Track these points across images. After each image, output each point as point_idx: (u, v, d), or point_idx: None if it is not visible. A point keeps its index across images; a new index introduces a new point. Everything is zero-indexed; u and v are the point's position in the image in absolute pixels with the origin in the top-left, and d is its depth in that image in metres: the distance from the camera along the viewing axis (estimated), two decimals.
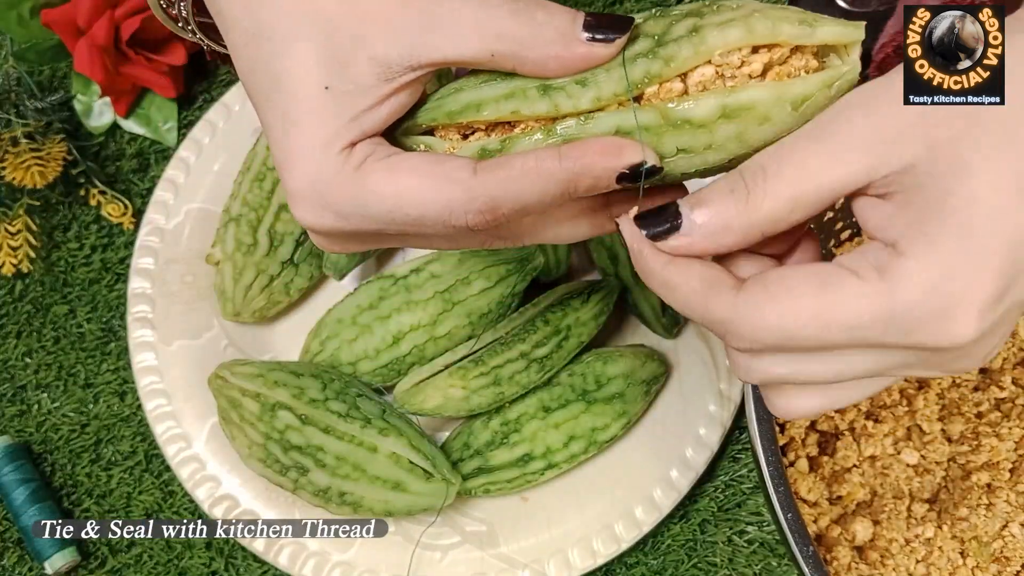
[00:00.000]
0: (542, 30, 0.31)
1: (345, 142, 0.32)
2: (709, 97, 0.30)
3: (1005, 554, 0.55)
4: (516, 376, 0.58)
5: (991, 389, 0.57)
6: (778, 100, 0.29)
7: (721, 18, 0.30)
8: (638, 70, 0.30)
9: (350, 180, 0.32)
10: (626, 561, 0.62)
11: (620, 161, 0.30)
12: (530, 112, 0.32)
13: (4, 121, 0.64)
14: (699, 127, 0.30)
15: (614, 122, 0.31)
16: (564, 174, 0.31)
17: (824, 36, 0.30)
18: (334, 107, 0.32)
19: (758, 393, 0.48)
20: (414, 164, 0.32)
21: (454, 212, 0.32)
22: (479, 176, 0.31)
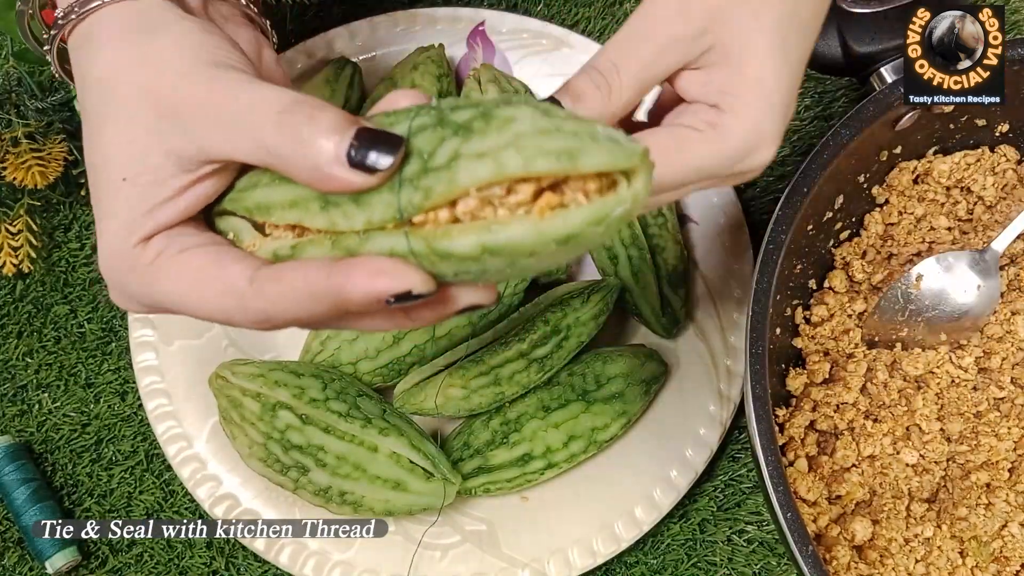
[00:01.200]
0: (304, 150, 0.30)
1: (139, 236, 0.33)
2: (469, 234, 0.28)
3: (1004, 554, 0.55)
4: (516, 376, 0.58)
5: (990, 389, 0.57)
6: (540, 238, 0.27)
7: (480, 147, 0.27)
8: (404, 198, 0.29)
9: (142, 275, 0.33)
10: (626, 560, 0.62)
11: (388, 287, 0.29)
12: (311, 224, 0.31)
13: (5, 121, 0.64)
14: (466, 259, 0.28)
15: (387, 244, 0.29)
16: (332, 295, 0.30)
17: (591, 165, 0.27)
18: (131, 199, 0.32)
19: (757, 392, 0.49)
20: (197, 266, 0.32)
21: (232, 319, 0.32)
22: (253, 288, 0.31)
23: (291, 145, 0.30)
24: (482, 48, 0.68)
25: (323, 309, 0.30)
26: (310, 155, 0.29)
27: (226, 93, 0.31)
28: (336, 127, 0.30)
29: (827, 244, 0.60)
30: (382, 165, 0.29)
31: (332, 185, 0.30)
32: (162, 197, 0.33)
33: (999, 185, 0.61)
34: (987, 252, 0.57)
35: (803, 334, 0.59)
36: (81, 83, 0.34)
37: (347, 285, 0.29)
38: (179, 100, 0.32)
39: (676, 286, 0.62)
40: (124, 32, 0.34)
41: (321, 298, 0.30)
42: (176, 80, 0.32)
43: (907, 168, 0.61)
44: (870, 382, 0.57)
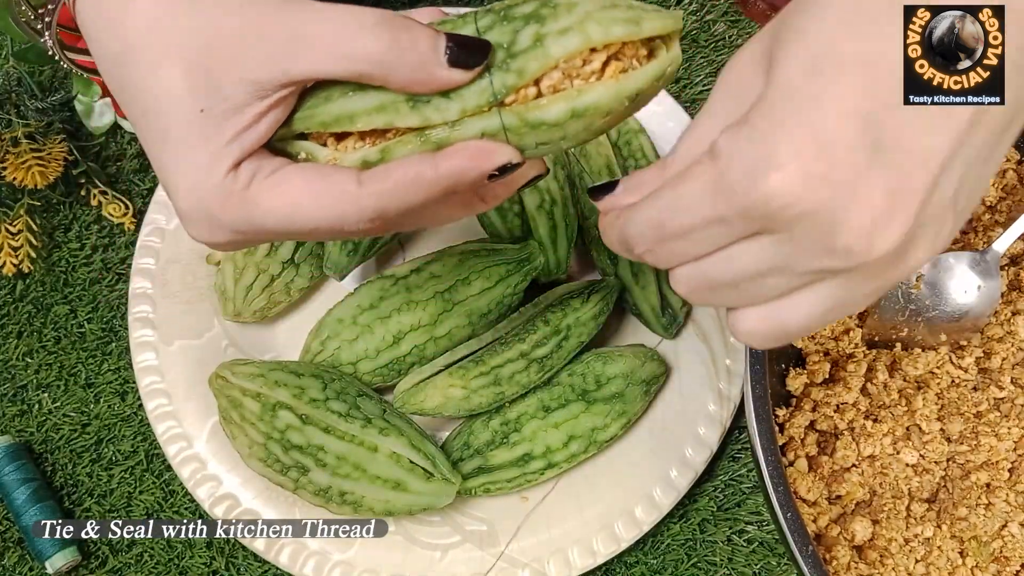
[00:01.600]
0: (405, 55, 0.32)
1: (229, 164, 0.34)
2: (559, 102, 0.33)
3: (1004, 554, 0.55)
4: (516, 376, 0.58)
5: (990, 389, 0.57)
6: (617, 96, 0.33)
7: (559, 25, 0.33)
8: (496, 82, 0.33)
9: (240, 200, 0.34)
10: (626, 560, 0.62)
11: (490, 164, 0.34)
12: (403, 124, 0.34)
13: (5, 121, 0.64)
14: (554, 126, 0.34)
15: (480, 126, 0.34)
16: (442, 180, 0.33)
17: (649, 30, 0.33)
18: (212, 129, 0.33)
19: (757, 392, 0.49)
20: (302, 180, 0.34)
21: (346, 222, 0.34)
22: (365, 187, 0.33)
23: (393, 55, 0.32)
24: None
25: (435, 194, 0.34)
26: (412, 60, 0.32)
27: (306, 16, 0.33)
28: (430, 35, 0.33)
29: None
30: (478, 61, 0.33)
31: (433, 85, 0.33)
32: (242, 124, 0.34)
33: (999, 185, 0.61)
34: (988, 253, 0.57)
35: None
36: (111, 34, 0.34)
37: (457, 166, 0.33)
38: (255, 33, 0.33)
39: None
40: None
41: (434, 184, 0.33)
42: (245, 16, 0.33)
43: None
44: (870, 382, 0.57)
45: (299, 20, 0.33)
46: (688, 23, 0.71)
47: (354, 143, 0.35)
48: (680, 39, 0.34)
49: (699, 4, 0.71)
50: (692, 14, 0.71)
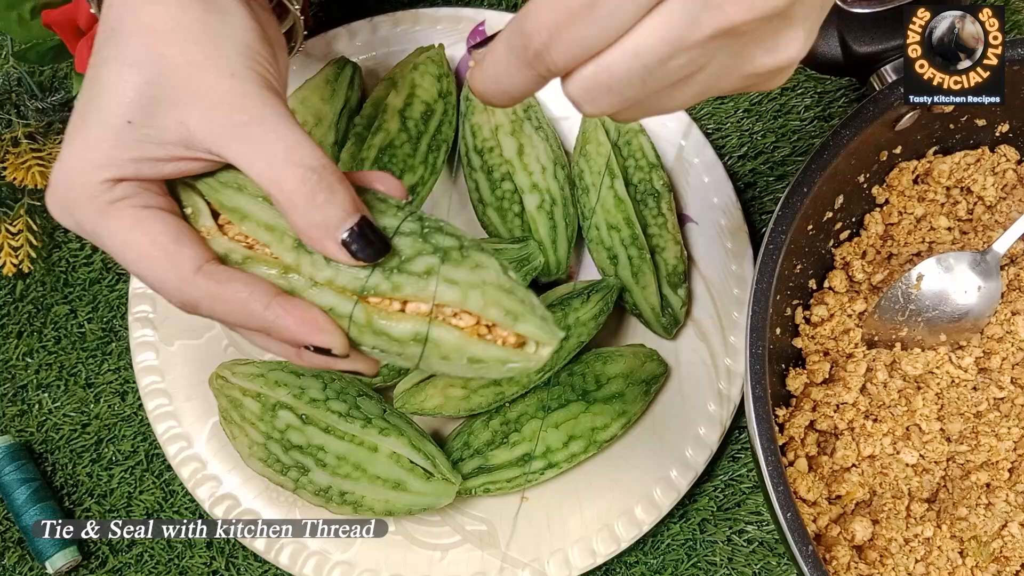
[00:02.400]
0: (311, 211, 0.34)
1: (113, 175, 0.34)
2: (408, 322, 0.35)
3: (1004, 554, 0.55)
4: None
5: (990, 389, 0.57)
6: (459, 348, 0.35)
7: (453, 275, 0.35)
8: (372, 279, 0.35)
9: (97, 209, 0.34)
10: (626, 560, 0.62)
11: (309, 339, 0.34)
12: (279, 254, 0.35)
13: (5, 121, 0.64)
14: (394, 340, 0.35)
15: (333, 301, 0.35)
16: (263, 321, 0.34)
17: (523, 331, 0.35)
18: (124, 140, 0.34)
19: (757, 392, 0.49)
20: (155, 233, 0.34)
21: (164, 290, 0.35)
22: (197, 278, 0.34)
23: (304, 202, 0.33)
24: None
25: (251, 326, 0.35)
26: (315, 219, 0.34)
27: (271, 127, 0.34)
28: (347, 208, 0.34)
29: (827, 244, 0.60)
30: (367, 259, 0.34)
31: (317, 248, 0.34)
32: (154, 155, 0.34)
33: (999, 185, 0.61)
34: (988, 253, 0.57)
35: (803, 334, 0.59)
36: (120, 11, 0.35)
37: (285, 320, 0.34)
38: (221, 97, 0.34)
39: (676, 286, 0.62)
40: None
41: (254, 318, 0.34)
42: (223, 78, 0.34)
43: (907, 168, 0.61)
44: (870, 382, 0.57)
45: (264, 122, 0.34)
46: None
47: (233, 233, 0.36)
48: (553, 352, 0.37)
49: None
50: None
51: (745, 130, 0.68)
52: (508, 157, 0.62)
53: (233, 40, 0.35)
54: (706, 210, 0.65)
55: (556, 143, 0.64)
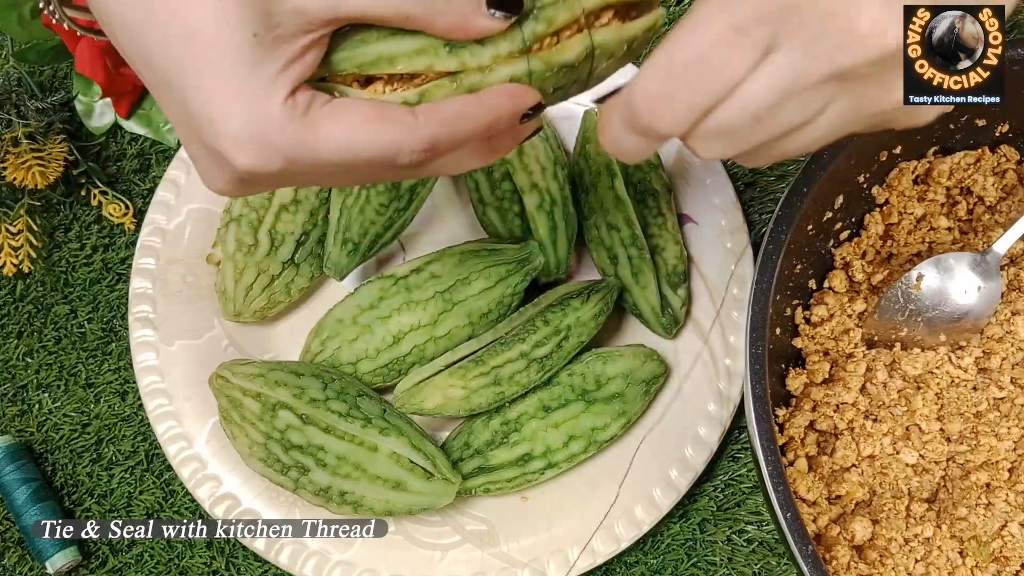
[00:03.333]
0: (450, 4, 0.34)
1: (287, 90, 0.33)
2: (577, 43, 0.37)
3: (1004, 553, 0.55)
4: (516, 376, 0.58)
5: (990, 389, 0.57)
6: (620, 39, 0.38)
7: None
8: (527, 30, 0.36)
9: (300, 126, 0.33)
10: (626, 560, 0.62)
11: (524, 103, 0.37)
12: (442, 68, 0.36)
13: (5, 121, 0.64)
14: (571, 67, 0.38)
15: (508, 71, 0.36)
16: (488, 115, 0.36)
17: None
18: (266, 56, 0.32)
19: (757, 392, 0.49)
20: (361, 108, 0.34)
21: (401, 151, 0.34)
22: (421, 118, 0.34)
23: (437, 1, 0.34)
24: None
25: (480, 129, 0.36)
26: (456, 8, 0.34)
27: None
28: None
29: (827, 244, 0.60)
30: (514, 11, 0.35)
31: (472, 31, 0.35)
32: (293, 53, 0.33)
33: (999, 186, 0.61)
34: (988, 254, 0.57)
35: (803, 334, 0.59)
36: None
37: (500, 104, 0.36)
38: None
39: (676, 286, 0.62)
40: None
41: (478, 119, 0.35)
42: None
43: (907, 168, 0.61)
44: (870, 382, 0.57)
45: None
46: None
47: (383, 87, 0.36)
48: None
49: None
50: None
51: None
52: (508, 157, 0.62)
53: None
54: (706, 210, 0.65)
55: (556, 143, 0.64)
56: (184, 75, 0.33)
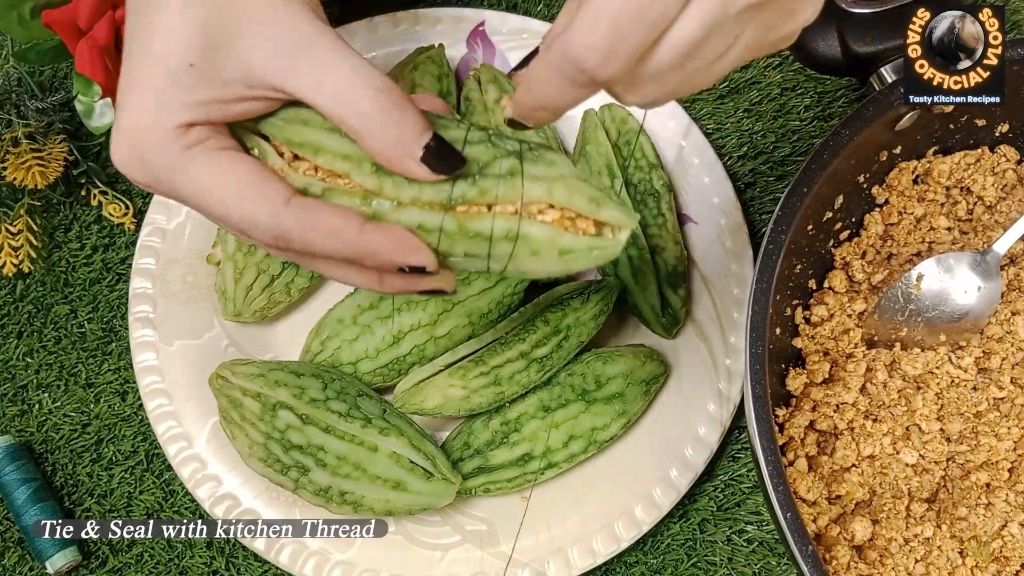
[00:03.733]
0: (388, 130, 0.33)
1: (185, 120, 0.34)
2: (502, 220, 0.35)
3: (1004, 554, 0.55)
4: (516, 376, 0.58)
5: (990, 389, 0.57)
6: (550, 242, 0.36)
7: (535, 171, 0.36)
8: (457, 190, 0.35)
9: (174, 155, 0.34)
10: (626, 560, 0.62)
11: (407, 260, 0.35)
12: (359, 182, 0.35)
13: (5, 121, 0.64)
14: (485, 240, 0.36)
15: (419, 219, 0.35)
16: (357, 248, 0.34)
17: (606, 216, 0.36)
18: (191, 83, 0.34)
19: (757, 392, 0.49)
20: (239, 171, 0.34)
21: (256, 226, 0.34)
22: (289, 209, 0.34)
23: (380, 122, 0.33)
24: (482, 48, 0.68)
25: (344, 255, 0.35)
26: (391, 138, 0.33)
27: (331, 50, 0.34)
28: (420, 124, 0.34)
29: (827, 244, 0.60)
30: (447, 171, 0.34)
31: (397, 168, 0.34)
32: (220, 96, 0.34)
33: (999, 185, 0.61)
34: (988, 254, 0.57)
35: (803, 334, 0.59)
36: None
37: (379, 245, 0.34)
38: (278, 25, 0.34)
39: (676, 286, 0.62)
40: None
41: (349, 246, 0.34)
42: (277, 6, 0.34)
43: (907, 168, 0.61)
44: (870, 382, 0.58)
45: (322, 46, 0.34)
46: None
47: (305, 168, 0.36)
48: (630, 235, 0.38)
49: None
50: None
51: (745, 130, 0.68)
52: None
53: None
54: (706, 210, 0.65)
55: (556, 143, 0.64)
56: (127, 73, 0.35)
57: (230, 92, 0.34)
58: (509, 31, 0.67)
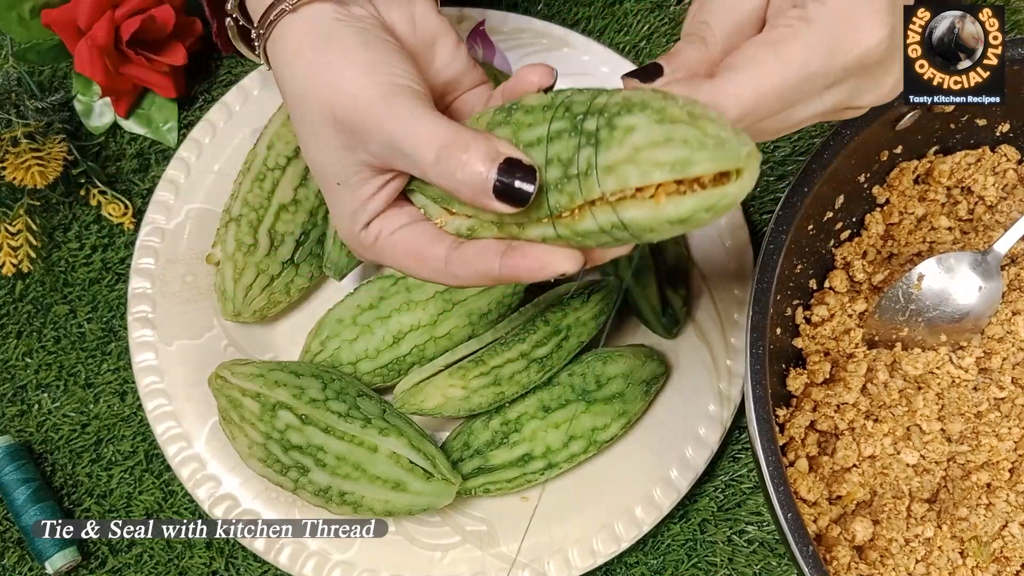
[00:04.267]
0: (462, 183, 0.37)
1: (360, 224, 0.42)
2: (600, 216, 0.34)
3: (1005, 554, 0.55)
4: (516, 376, 0.58)
5: (991, 389, 0.57)
6: (655, 219, 0.33)
7: (606, 160, 0.33)
8: (552, 200, 0.36)
9: (368, 251, 0.43)
10: (626, 561, 0.62)
11: (543, 274, 0.37)
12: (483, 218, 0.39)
13: (5, 121, 0.64)
14: (600, 233, 0.35)
15: (538, 233, 0.37)
16: (504, 279, 0.38)
17: (700, 171, 0.32)
18: (346, 197, 0.42)
19: (758, 392, 0.48)
20: (409, 250, 0.41)
21: (435, 276, 0.41)
22: (449, 268, 0.40)
23: (449, 178, 0.37)
24: (482, 48, 0.68)
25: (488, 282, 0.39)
26: (467, 189, 0.36)
27: (397, 124, 0.38)
28: (483, 160, 0.36)
29: (827, 244, 0.60)
30: (523, 196, 0.36)
31: (488, 209, 0.37)
32: (368, 194, 0.41)
33: (1000, 185, 0.61)
34: (989, 254, 0.57)
35: (803, 334, 0.58)
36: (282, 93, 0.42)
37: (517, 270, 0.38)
38: (359, 121, 0.39)
39: (676, 286, 0.62)
40: (301, 48, 0.40)
41: (497, 278, 0.38)
42: (354, 102, 0.39)
43: (907, 168, 0.61)
44: (870, 382, 0.57)
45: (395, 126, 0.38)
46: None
47: (455, 209, 0.40)
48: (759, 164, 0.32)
49: None
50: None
51: None
52: None
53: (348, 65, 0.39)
54: None
55: None
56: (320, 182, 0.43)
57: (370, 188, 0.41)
58: (510, 30, 0.67)
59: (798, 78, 0.36)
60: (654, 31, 0.70)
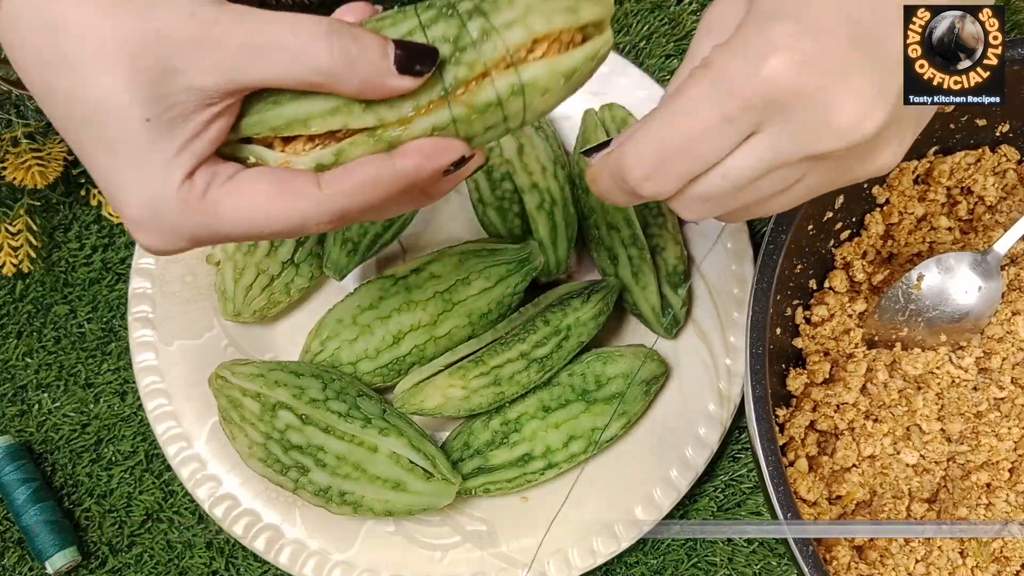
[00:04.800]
0: (356, 66, 0.33)
1: (183, 172, 0.33)
2: (502, 80, 0.35)
3: (1004, 554, 0.55)
4: (516, 376, 0.58)
5: (990, 389, 0.57)
6: (553, 74, 0.35)
7: (504, 19, 0.35)
8: (448, 77, 0.35)
9: (198, 208, 0.33)
10: (626, 560, 0.62)
11: (444, 160, 0.35)
12: (358, 125, 0.35)
13: (5, 121, 0.64)
14: (497, 106, 0.35)
15: (431, 122, 0.35)
16: (400, 180, 0.35)
17: (586, 17, 0.35)
18: (161, 138, 0.32)
19: (758, 392, 0.49)
20: (262, 184, 0.34)
21: (308, 223, 0.34)
22: (326, 189, 0.34)
23: (344, 65, 0.32)
24: None
25: (393, 191, 0.35)
26: (363, 70, 0.33)
27: (256, 24, 0.32)
28: (378, 42, 0.33)
29: (827, 244, 0.60)
30: (427, 68, 0.33)
31: (382, 94, 0.34)
32: (191, 132, 0.33)
33: (1000, 185, 0.61)
34: (989, 253, 0.57)
35: (803, 334, 0.58)
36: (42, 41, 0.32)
37: (415, 164, 0.34)
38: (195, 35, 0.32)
39: (676, 286, 0.62)
40: None
41: (393, 182, 0.34)
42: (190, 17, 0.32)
43: (907, 168, 0.61)
44: (870, 382, 0.57)
45: (249, 28, 0.32)
46: None
47: (303, 145, 0.36)
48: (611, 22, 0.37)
49: None
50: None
51: None
52: (508, 157, 0.62)
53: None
54: None
55: (556, 143, 0.64)
56: (90, 158, 0.34)
57: (196, 122, 0.33)
58: None
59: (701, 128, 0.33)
60: (654, 31, 0.70)
